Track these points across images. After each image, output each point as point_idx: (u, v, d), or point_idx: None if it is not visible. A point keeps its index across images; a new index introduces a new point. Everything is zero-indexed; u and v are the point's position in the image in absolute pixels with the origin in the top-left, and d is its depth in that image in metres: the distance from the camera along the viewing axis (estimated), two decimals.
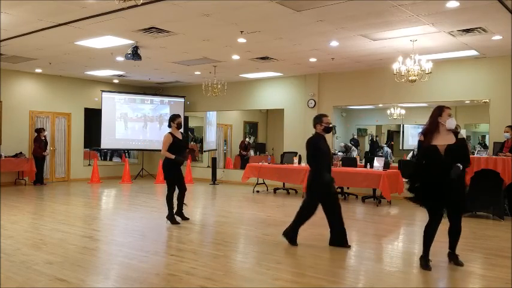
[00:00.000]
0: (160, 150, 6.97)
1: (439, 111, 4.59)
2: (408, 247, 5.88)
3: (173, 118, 6.89)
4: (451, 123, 4.49)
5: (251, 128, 16.35)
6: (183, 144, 6.89)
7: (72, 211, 8.06)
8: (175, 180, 6.82)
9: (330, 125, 5.40)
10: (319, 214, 5.44)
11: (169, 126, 6.87)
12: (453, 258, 4.67)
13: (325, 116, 5.45)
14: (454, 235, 4.62)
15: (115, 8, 6.28)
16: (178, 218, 6.85)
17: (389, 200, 9.14)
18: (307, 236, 5.92)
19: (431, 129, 4.55)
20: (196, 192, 11.23)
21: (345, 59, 9.73)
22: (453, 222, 4.57)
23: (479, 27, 7.08)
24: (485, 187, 7.57)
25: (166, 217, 6.79)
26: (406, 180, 4.95)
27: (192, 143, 16.11)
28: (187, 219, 6.98)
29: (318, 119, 5.40)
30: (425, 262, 4.52)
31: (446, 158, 4.42)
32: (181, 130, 7.00)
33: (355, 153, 12.19)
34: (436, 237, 6.30)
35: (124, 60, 9.83)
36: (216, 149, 14.81)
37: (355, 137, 13.61)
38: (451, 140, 4.48)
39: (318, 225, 6.01)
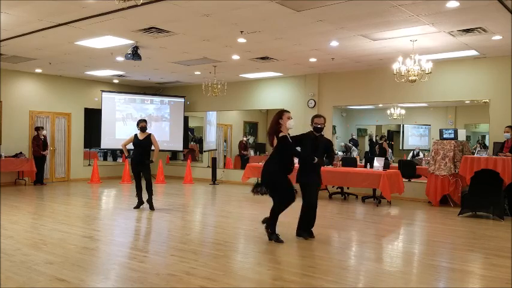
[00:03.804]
0: (155, 150, 8.28)
1: (279, 114, 5.58)
2: (408, 247, 5.89)
3: (137, 123, 8.29)
4: (291, 124, 5.57)
5: (251, 128, 16.35)
6: (143, 144, 8.10)
7: (72, 211, 8.06)
8: (134, 172, 8.25)
9: (319, 126, 5.85)
10: (323, 214, 5.43)
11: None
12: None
13: (317, 117, 5.93)
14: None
15: (115, 8, 6.29)
16: (145, 205, 8.18)
17: (389, 200, 9.14)
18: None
19: (276, 129, 5.51)
20: (196, 192, 11.24)
21: (345, 59, 9.73)
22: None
23: (479, 27, 7.07)
24: (485, 187, 7.57)
25: (146, 201, 8.11)
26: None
27: (192, 143, 16.11)
28: (153, 209, 8.01)
29: (311, 120, 6.00)
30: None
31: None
32: (150, 131, 8.32)
33: (355, 153, 12.19)
34: (433, 237, 6.32)
35: (124, 60, 9.83)
36: (216, 149, 14.81)
37: (354, 137, 13.61)
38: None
39: (317, 225, 6.00)
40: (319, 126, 5.84)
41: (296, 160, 5.94)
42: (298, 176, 5.81)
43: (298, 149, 5.82)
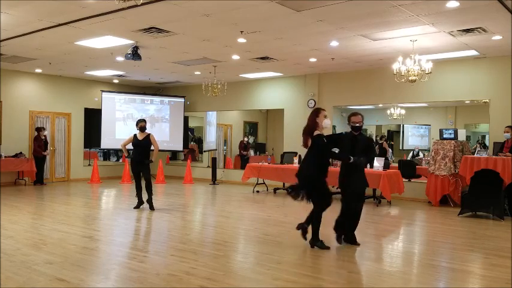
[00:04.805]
0: (154, 150, 8.27)
1: (316, 113, 5.25)
2: (408, 247, 5.89)
3: (136, 123, 8.27)
4: (327, 123, 5.23)
5: (251, 128, 16.36)
6: (143, 144, 8.08)
7: (72, 211, 8.06)
8: (134, 172, 8.24)
9: (357, 124, 5.46)
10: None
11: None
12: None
13: (354, 115, 5.52)
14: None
15: (115, 8, 6.28)
16: (145, 205, 8.17)
17: (389, 200, 9.14)
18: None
19: (313, 128, 5.22)
20: (196, 192, 11.24)
21: (345, 59, 9.73)
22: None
23: (479, 27, 7.07)
24: (485, 187, 7.57)
25: (146, 201, 8.10)
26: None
27: (192, 143, 16.11)
28: (153, 209, 7.99)
29: (348, 118, 5.59)
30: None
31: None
32: (149, 131, 8.28)
33: None
34: (433, 237, 6.32)
35: (124, 60, 9.83)
36: (216, 149, 14.82)
37: None
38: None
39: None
40: (357, 125, 5.44)
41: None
42: (339, 179, 5.50)
43: (335, 150, 5.51)
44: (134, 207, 8.14)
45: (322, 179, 5.20)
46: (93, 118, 13.42)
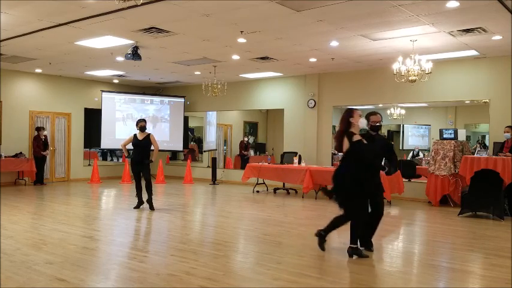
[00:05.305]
0: (154, 149, 8.25)
1: (350, 113, 4.97)
2: (408, 247, 5.89)
3: (136, 123, 8.28)
4: (363, 122, 4.96)
5: (251, 128, 16.35)
6: (143, 144, 8.08)
7: (72, 211, 8.06)
8: (134, 172, 8.24)
9: (377, 124, 5.21)
10: (324, 214, 5.42)
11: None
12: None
13: (374, 114, 5.26)
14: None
15: (115, 8, 6.29)
16: (145, 205, 8.17)
17: (389, 200, 9.13)
18: (308, 236, 5.92)
19: (347, 130, 4.92)
20: (196, 192, 11.24)
21: (345, 59, 9.73)
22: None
23: (479, 27, 7.08)
24: (485, 187, 7.57)
25: (146, 201, 8.11)
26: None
27: (192, 143, 16.11)
28: (153, 209, 8.00)
29: (366, 117, 5.25)
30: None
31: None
32: (149, 131, 8.30)
33: None
34: (433, 237, 6.31)
35: (124, 60, 9.83)
36: (216, 149, 14.82)
37: None
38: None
39: (318, 226, 6.00)
40: (377, 124, 5.19)
41: None
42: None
43: None
44: (134, 207, 8.14)
45: (357, 188, 4.83)
46: (93, 118, 13.41)
